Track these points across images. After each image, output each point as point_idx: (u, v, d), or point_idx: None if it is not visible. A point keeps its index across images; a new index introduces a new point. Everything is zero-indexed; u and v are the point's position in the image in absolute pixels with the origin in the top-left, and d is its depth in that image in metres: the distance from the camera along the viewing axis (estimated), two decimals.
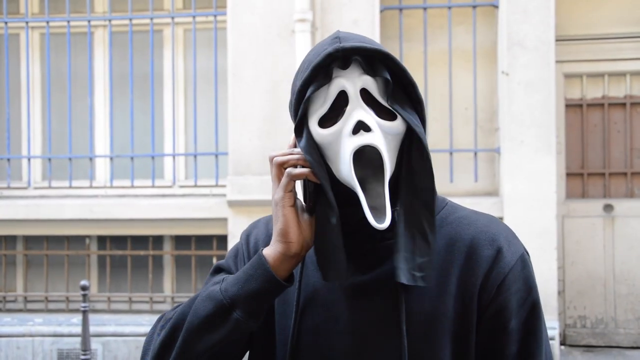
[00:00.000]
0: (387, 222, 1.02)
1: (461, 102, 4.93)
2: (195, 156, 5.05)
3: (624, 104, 5.25)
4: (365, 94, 1.07)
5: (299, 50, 4.62)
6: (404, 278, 1.05)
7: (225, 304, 1.09)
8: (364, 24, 4.73)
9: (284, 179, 1.09)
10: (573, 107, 5.28)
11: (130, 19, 5.10)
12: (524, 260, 1.13)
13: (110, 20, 5.14)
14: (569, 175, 5.26)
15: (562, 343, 5.16)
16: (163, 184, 5.21)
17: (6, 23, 5.26)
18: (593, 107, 5.28)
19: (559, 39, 4.92)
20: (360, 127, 1.03)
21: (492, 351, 1.11)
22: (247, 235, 1.30)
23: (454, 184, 4.82)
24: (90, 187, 5.20)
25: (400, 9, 4.86)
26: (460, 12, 4.90)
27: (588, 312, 5.21)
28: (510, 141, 4.66)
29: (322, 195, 1.08)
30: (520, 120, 4.65)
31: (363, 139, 1.03)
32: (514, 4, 4.66)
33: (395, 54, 4.82)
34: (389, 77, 1.05)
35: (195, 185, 5.10)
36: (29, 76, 5.30)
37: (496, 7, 4.80)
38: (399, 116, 1.07)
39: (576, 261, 5.20)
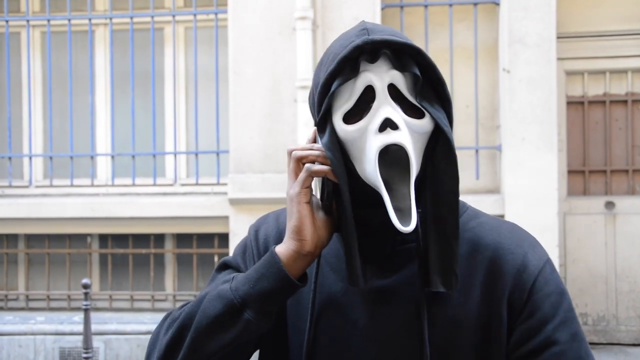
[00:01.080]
0: (412, 225, 0.97)
1: (462, 100, 4.93)
2: (196, 154, 5.05)
3: (625, 101, 5.24)
4: (392, 90, 1.02)
5: (300, 48, 4.62)
6: (430, 284, 1.03)
7: (236, 303, 1.04)
8: None
9: (302, 175, 1.04)
10: (574, 104, 5.28)
11: (131, 17, 5.10)
12: (551, 264, 1.11)
13: (111, 19, 5.14)
14: (570, 172, 5.26)
15: None
16: (164, 182, 5.21)
17: (7, 21, 5.26)
18: (594, 104, 5.27)
19: (560, 36, 4.91)
20: (387, 124, 0.98)
21: (533, 355, 1.05)
22: (255, 231, 1.25)
23: None
24: (92, 185, 5.20)
25: (401, 7, 4.86)
26: (461, 10, 4.90)
27: (589, 309, 5.21)
28: (511, 138, 4.66)
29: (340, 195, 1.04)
30: (522, 118, 4.64)
31: (390, 137, 0.98)
32: (515, 1, 4.66)
33: None
34: (418, 73, 1.01)
35: (197, 184, 5.10)
36: (30, 74, 5.30)
37: (497, 4, 4.79)
38: (427, 114, 1.03)
39: (577, 258, 5.20)
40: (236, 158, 4.80)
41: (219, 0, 5.04)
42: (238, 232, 4.75)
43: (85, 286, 4.17)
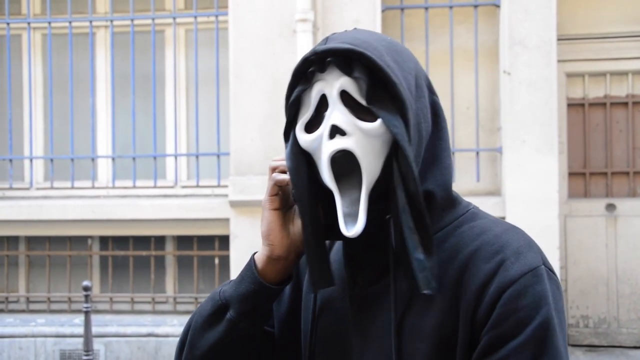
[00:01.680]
0: (357, 230, 0.98)
1: (463, 102, 4.93)
2: (197, 156, 5.05)
3: (626, 103, 5.24)
4: (346, 96, 1.01)
5: (301, 50, 4.62)
6: (416, 286, 1.01)
7: (221, 304, 1.13)
8: (366, 24, 4.72)
9: (269, 183, 1.10)
10: (575, 106, 5.28)
11: (132, 20, 5.11)
12: (537, 275, 0.98)
13: (111, 21, 5.15)
14: (571, 174, 5.25)
15: None
16: (165, 185, 5.21)
17: (8, 24, 5.27)
18: (595, 106, 5.27)
19: (560, 38, 4.91)
20: (336, 131, 0.99)
21: None
22: None
23: (455, 183, 4.81)
24: (93, 187, 5.20)
25: (402, 9, 4.86)
26: (461, 12, 4.90)
27: (591, 311, 5.20)
28: (512, 141, 4.65)
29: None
30: (522, 120, 4.64)
31: (337, 143, 0.99)
32: (516, 3, 4.66)
33: None
34: (360, 76, 1.00)
35: (197, 186, 5.10)
36: (31, 77, 5.30)
37: (497, 6, 4.79)
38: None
39: (578, 261, 5.19)
40: (237, 160, 4.80)
41: (219, 2, 5.04)
42: (239, 234, 4.75)
43: (86, 288, 4.17)
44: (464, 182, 4.87)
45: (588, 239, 5.19)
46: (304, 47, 4.60)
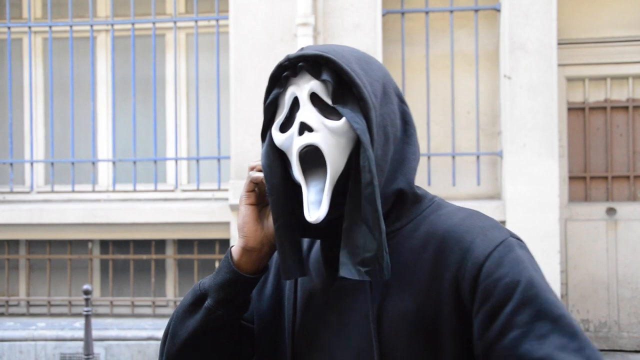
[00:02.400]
0: (318, 216, 1.07)
1: (463, 106, 4.93)
2: (197, 160, 5.05)
3: (626, 107, 5.25)
4: (315, 98, 1.12)
5: None
6: (346, 272, 1.08)
7: (200, 294, 1.22)
8: (366, 28, 4.73)
9: (246, 180, 1.21)
10: (575, 110, 5.28)
11: (133, 24, 5.11)
12: (507, 245, 1.07)
13: (112, 25, 5.16)
14: (571, 178, 5.25)
15: None
16: (165, 188, 5.21)
17: (9, 28, 5.28)
18: (595, 110, 5.28)
19: (561, 43, 4.92)
20: (304, 128, 1.09)
21: (494, 343, 1.03)
22: None
23: (456, 187, 4.82)
24: (93, 191, 5.20)
25: (402, 13, 4.86)
26: (462, 16, 4.91)
27: (591, 315, 5.20)
28: (512, 144, 4.66)
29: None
30: (523, 124, 4.64)
31: (305, 138, 1.09)
32: (516, 8, 4.66)
33: (397, 57, 4.86)
34: (327, 79, 1.10)
35: (198, 189, 5.10)
36: (31, 81, 5.31)
37: (498, 10, 4.80)
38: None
39: (579, 265, 5.19)
40: (237, 164, 4.80)
41: (220, 6, 5.05)
42: None
43: (86, 292, 4.17)
44: (465, 186, 4.87)
45: (588, 243, 5.19)
46: None
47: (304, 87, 1.12)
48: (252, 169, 1.21)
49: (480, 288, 1.05)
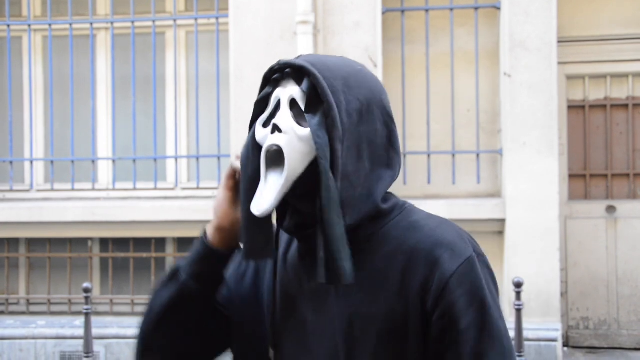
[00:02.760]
0: (262, 209, 1.15)
1: (463, 104, 4.93)
2: (197, 158, 5.05)
3: (626, 105, 5.24)
4: (294, 103, 1.20)
5: (301, 52, 4.61)
6: (319, 275, 1.15)
7: (175, 269, 1.31)
8: (366, 26, 4.73)
9: (227, 167, 1.29)
10: (575, 108, 5.28)
11: (133, 22, 5.11)
12: (471, 263, 1.17)
13: (112, 23, 5.15)
14: (571, 176, 5.25)
15: (565, 345, 5.15)
16: (165, 187, 5.21)
17: (9, 26, 5.27)
18: (595, 108, 5.28)
19: (561, 41, 4.92)
20: (276, 128, 1.17)
21: (444, 353, 1.15)
22: None
23: (456, 185, 4.81)
24: (93, 189, 5.20)
25: (402, 11, 4.86)
26: (462, 14, 4.90)
27: (591, 313, 5.20)
28: (512, 143, 4.66)
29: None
30: (523, 122, 4.64)
31: (273, 138, 1.17)
32: (516, 6, 4.66)
33: (397, 55, 4.86)
34: (304, 89, 1.18)
35: (198, 188, 5.10)
36: (31, 79, 5.30)
37: (498, 8, 4.80)
38: None
39: (579, 262, 5.19)
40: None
41: (220, 4, 5.05)
42: None
43: (86, 290, 4.17)
44: (465, 184, 4.87)
45: (588, 241, 5.19)
46: (305, 49, 4.60)
47: (287, 92, 1.20)
48: (237, 157, 1.28)
49: (442, 303, 1.14)
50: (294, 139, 1.16)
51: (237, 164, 1.26)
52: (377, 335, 1.17)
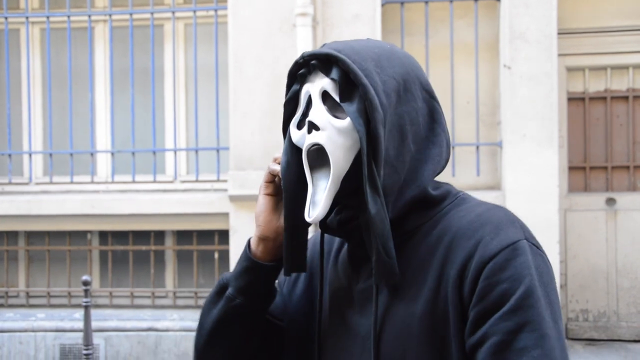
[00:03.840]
0: (316, 216, 1.08)
1: (463, 96, 4.92)
2: (196, 151, 5.04)
3: (626, 97, 5.23)
4: (326, 95, 1.12)
5: (300, 45, 4.61)
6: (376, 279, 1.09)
7: (222, 284, 1.25)
8: (365, 18, 4.71)
9: (266, 171, 1.21)
10: (575, 100, 5.27)
11: (131, 14, 5.09)
12: (517, 248, 1.03)
13: (110, 15, 5.13)
14: (571, 168, 5.25)
15: (565, 336, 5.15)
16: (164, 179, 5.21)
17: (6, 18, 5.25)
18: (595, 100, 5.26)
19: (561, 32, 4.90)
20: (312, 126, 1.09)
21: (478, 346, 1.02)
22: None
23: (456, 177, 4.81)
24: (92, 182, 5.20)
25: (402, 3, 4.84)
26: (461, 6, 4.89)
27: (590, 305, 5.20)
28: (512, 135, 4.65)
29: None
30: (523, 114, 4.63)
31: (312, 137, 1.09)
32: None
33: None
34: (334, 77, 1.09)
35: (197, 180, 5.09)
36: (29, 71, 5.29)
37: (498, 0, 4.78)
38: None
39: (578, 255, 5.19)
40: (236, 155, 4.79)
41: None
42: (238, 229, 4.75)
43: (86, 283, 4.17)
44: (464, 176, 4.86)
45: (588, 233, 5.19)
46: (304, 41, 4.59)
47: (316, 85, 1.12)
48: (275, 159, 1.20)
49: (478, 287, 1.02)
50: (333, 134, 1.08)
51: (276, 167, 1.18)
52: (418, 335, 1.07)
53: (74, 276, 5.23)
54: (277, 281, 1.27)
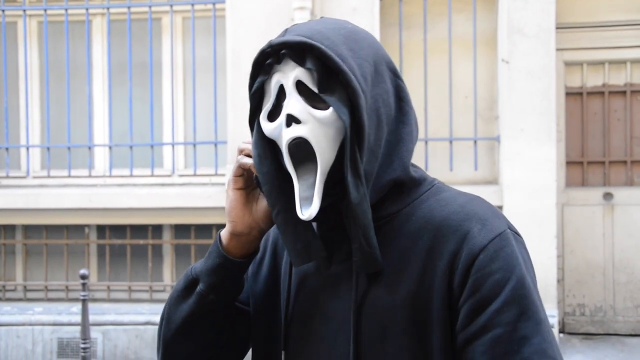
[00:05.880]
0: (310, 213, 1.04)
1: (461, 90, 4.92)
2: (194, 145, 5.04)
3: (624, 92, 5.23)
4: (302, 86, 1.07)
5: None
6: (356, 265, 1.08)
7: (192, 279, 1.20)
8: (364, 12, 4.70)
9: (234, 165, 1.16)
10: (573, 95, 5.27)
11: (129, 7, 5.08)
12: (504, 239, 1.05)
13: (108, 9, 5.12)
14: (568, 163, 5.25)
15: (561, 331, 5.17)
16: (162, 173, 5.20)
17: (3, 11, 5.24)
18: (593, 95, 5.26)
19: (559, 27, 4.90)
20: (291, 119, 1.05)
21: (476, 337, 1.02)
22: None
23: (453, 172, 4.81)
24: (90, 176, 5.19)
25: None
26: (460, 0, 4.88)
27: (587, 300, 5.22)
28: (510, 129, 4.65)
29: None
30: (521, 109, 4.63)
31: (293, 131, 1.05)
32: None
33: (394, 41, 4.83)
34: (311, 67, 1.05)
35: (195, 174, 5.09)
36: (27, 65, 5.27)
37: None
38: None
39: (575, 249, 5.20)
40: (234, 148, 4.78)
41: None
42: None
43: (83, 277, 4.17)
44: (462, 171, 4.86)
45: (585, 228, 5.20)
46: None
47: (289, 75, 1.07)
48: (241, 151, 1.16)
49: (470, 280, 1.03)
50: (315, 125, 1.05)
51: (245, 160, 1.14)
52: (399, 322, 1.07)
53: (72, 270, 5.23)
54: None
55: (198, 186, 5.04)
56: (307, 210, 1.05)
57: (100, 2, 5.32)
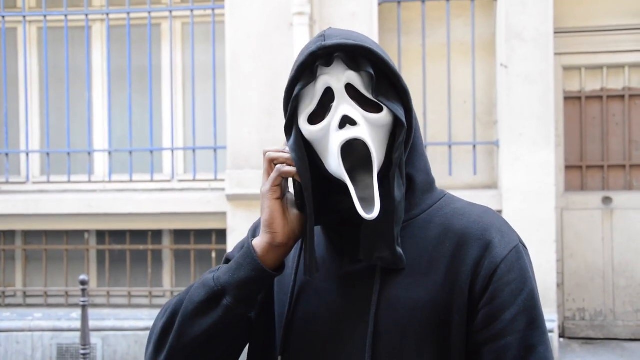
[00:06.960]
0: (375, 213, 1.05)
1: (460, 95, 4.92)
2: (194, 150, 5.04)
3: (622, 96, 5.25)
4: (350, 89, 1.09)
5: (297, 43, 4.61)
6: (366, 257, 1.12)
7: (217, 291, 1.14)
8: (362, 17, 4.72)
9: (272, 174, 1.13)
10: (572, 99, 5.28)
11: (128, 13, 5.09)
12: (518, 252, 1.14)
13: (108, 14, 5.13)
14: (567, 167, 5.26)
15: (561, 335, 5.17)
16: (162, 179, 5.21)
17: (3, 17, 5.25)
18: (592, 99, 5.28)
19: (557, 31, 4.91)
20: (346, 121, 1.06)
21: (489, 341, 1.10)
22: (254, 229, 1.33)
23: (452, 177, 4.82)
24: (89, 181, 5.19)
25: (399, 2, 4.85)
26: (458, 5, 4.89)
27: (587, 304, 5.22)
28: (509, 134, 4.66)
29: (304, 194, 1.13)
30: (519, 113, 4.64)
31: (349, 132, 1.06)
32: None
33: (393, 47, 4.84)
34: (371, 71, 1.08)
35: (194, 180, 5.09)
36: (26, 70, 5.28)
37: None
38: (384, 108, 1.10)
39: (575, 254, 5.21)
40: (234, 154, 4.79)
41: None
42: (236, 228, 4.75)
43: (83, 282, 4.17)
44: (461, 175, 4.87)
45: (584, 232, 5.20)
46: (301, 40, 4.59)
47: (339, 78, 1.08)
48: (272, 160, 1.14)
49: (491, 287, 1.11)
50: (368, 127, 1.08)
51: (287, 170, 1.11)
52: (420, 323, 1.11)
53: (72, 276, 5.22)
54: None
55: (197, 191, 5.04)
56: (371, 210, 1.05)
57: (100, 8, 5.33)
